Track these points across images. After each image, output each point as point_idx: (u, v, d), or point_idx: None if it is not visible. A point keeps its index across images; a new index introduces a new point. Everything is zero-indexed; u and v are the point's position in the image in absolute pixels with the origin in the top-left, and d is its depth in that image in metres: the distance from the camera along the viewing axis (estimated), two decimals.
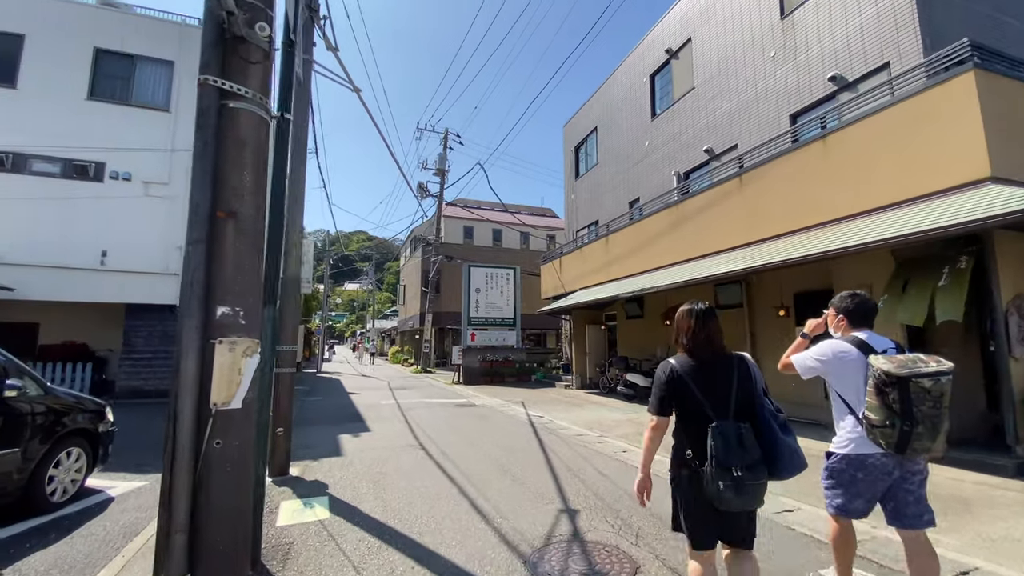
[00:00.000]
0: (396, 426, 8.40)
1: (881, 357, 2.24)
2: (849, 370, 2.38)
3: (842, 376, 2.41)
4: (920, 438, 2.10)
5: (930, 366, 2.12)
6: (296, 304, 5.71)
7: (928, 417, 2.09)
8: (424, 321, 25.14)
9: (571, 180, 18.45)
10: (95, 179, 11.68)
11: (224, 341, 2.23)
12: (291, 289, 5.68)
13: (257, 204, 2.48)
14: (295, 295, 5.71)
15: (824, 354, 2.45)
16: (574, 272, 15.09)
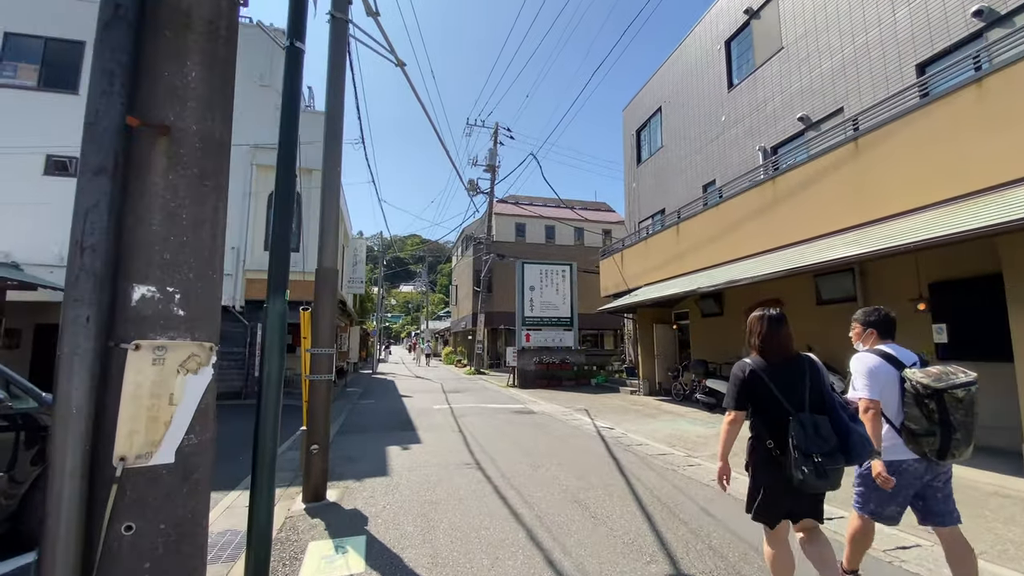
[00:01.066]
0: (449, 437, 7.52)
1: (917, 371, 2.42)
2: (888, 383, 2.48)
3: (886, 389, 2.48)
4: (958, 444, 2.28)
5: (960, 377, 2.29)
6: (333, 299, 4.92)
7: (962, 424, 2.26)
8: (476, 321, 24.46)
9: (632, 167, 17.04)
10: None
11: (143, 346, 1.35)
12: (327, 282, 4.90)
13: (214, 120, 1.59)
14: (331, 288, 4.91)
15: (871, 371, 2.52)
16: (638, 266, 13.73)
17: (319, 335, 4.69)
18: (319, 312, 4.76)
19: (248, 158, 12.12)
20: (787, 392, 2.30)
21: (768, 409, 2.34)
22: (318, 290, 4.84)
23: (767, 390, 2.32)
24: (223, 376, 11.67)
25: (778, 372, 2.35)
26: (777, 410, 2.29)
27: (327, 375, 4.69)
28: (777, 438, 2.29)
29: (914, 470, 2.45)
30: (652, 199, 15.52)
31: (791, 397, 2.29)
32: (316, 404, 4.62)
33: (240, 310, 11.81)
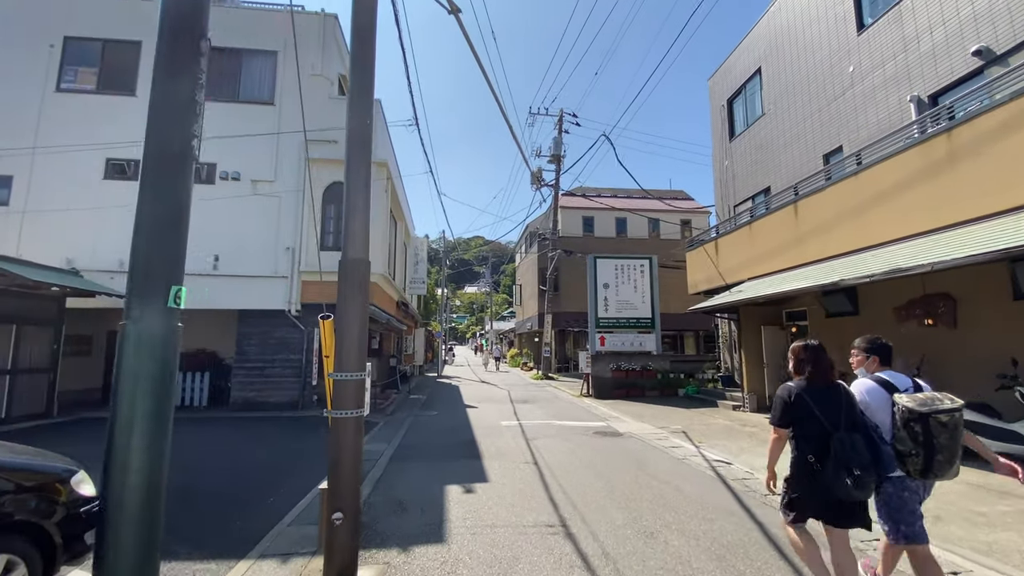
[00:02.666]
0: (522, 472, 6.01)
1: (905, 396, 2.63)
2: (879, 407, 2.72)
3: (875, 412, 2.73)
4: (940, 465, 2.48)
5: (945, 404, 2.51)
6: (363, 301, 3.56)
7: (945, 447, 2.46)
8: (543, 323, 22.93)
9: (722, 144, 14.70)
10: (207, 181, 11.25)
11: None
12: (356, 278, 3.54)
13: None
14: (361, 286, 3.55)
15: (864, 396, 2.77)
16: (739, 257, 11.52)
17: (346, 352, 3.34)
18: (346, 320, 3.41)
19: (300, 151, 11.37)
20: (827, 413, 2.63)
21: (811, 427, 2.65)
22: (343, 290, 3.49)
23: (811, 411, 2.65)
24: (278, 385, 10.97)
25: (820, 395, 2.69)
26: (819, 428, 2.62)
27: (356, 410, 3.32)
28: (818, 453, 2.60)
29: (915, 485, 2.68)
30: (752, 177, 13.15)
31: (832, 418, 2.62)
32: (341, 452, 3.25)
33: (296, 314, 11.07)
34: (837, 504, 2.59)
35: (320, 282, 11.19)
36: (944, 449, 2.46)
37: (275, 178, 11.29)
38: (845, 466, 2.46)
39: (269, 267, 11.03)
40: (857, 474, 2.44)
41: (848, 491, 2.46)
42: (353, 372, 3.32)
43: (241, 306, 11.04)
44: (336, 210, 11.59)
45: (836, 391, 2.71)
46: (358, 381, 3.34)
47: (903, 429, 2.55)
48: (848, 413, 2.65)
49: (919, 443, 2.49)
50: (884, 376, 2.81)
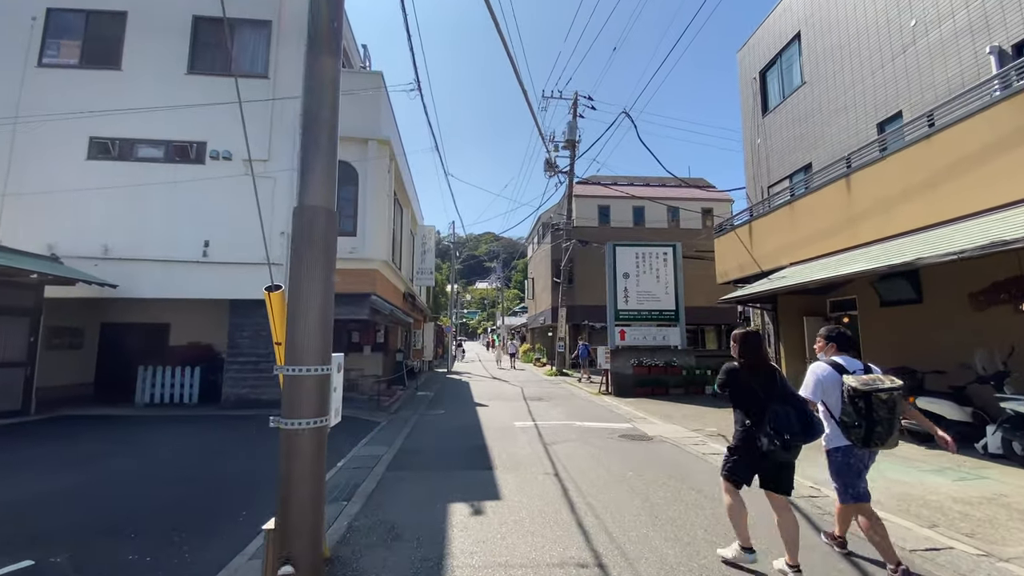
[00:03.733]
0: (542, 489, 5.03)
1: (852, 377, 3.06)
2: (830, 385, 3.17)
3: (827, 391, 3.19)
4: (880, 435, 2.94)
5: (885, 384, 2.95)
6: (326, 264, 2.60)
7: (883, 420, 2.92)
8: (557, 317, 21.91)
9: (754, 120, 13.50)
10: (196, 160, 10.43)
11: None
12: (316, 233, 2.59)
13: None
14: (323, 244, 2.60)
15: (817, 378, 3.24)
16: (778, 241, 10.39)
17: (302, 337, 2.40)
18: (302, 292, 2.46)
19: (296, 128, 10.45)
20: (765, 388, 3.07)
21: (750, 400, 3.09)
22: (299, 250, 2.55)
23: (751, 387, 3.10)
24: (274, 381, 10.12)
25: (758, 374, 3.13)
26: (757, 401, 3.05)
27: (318, 419, 2.36)
28: (755, 421, 3.03)
29: (860, 453, 3.15)
30: (789, 154, 11.96)
31: (768, 392, 3.05)
32: (294, 478, 2.31)
33: None
34: (774, 468, 3.03)
35: None
36: (883, 422, 2.90)
37: (269, 157, 10.42)
38: (777, 431, 2.86)
39: (263, 253, 10.16)
40: (787, 438, 2.85)
41: (779, 452, 2.90)
42: (313, 366, 2.37)
43: (233, 295, 10.21)
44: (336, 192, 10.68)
45: (772, 371, 3.16)
46: (320, 378, 2.39)
47: (849, 404, 3.01)
48: (781, 389, 3.05)
49: (862, 416, 2.94)
50: (838, 360, 3.25)
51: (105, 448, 6.82)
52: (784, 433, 2.86)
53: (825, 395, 3.19)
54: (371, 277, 10.33)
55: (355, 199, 10.51)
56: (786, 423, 2.88)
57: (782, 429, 2.87)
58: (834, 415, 3.14)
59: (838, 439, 3.16)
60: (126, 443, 7.17)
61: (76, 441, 7.23)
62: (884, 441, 2.95)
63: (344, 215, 10.58)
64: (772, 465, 3.04)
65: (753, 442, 3.01)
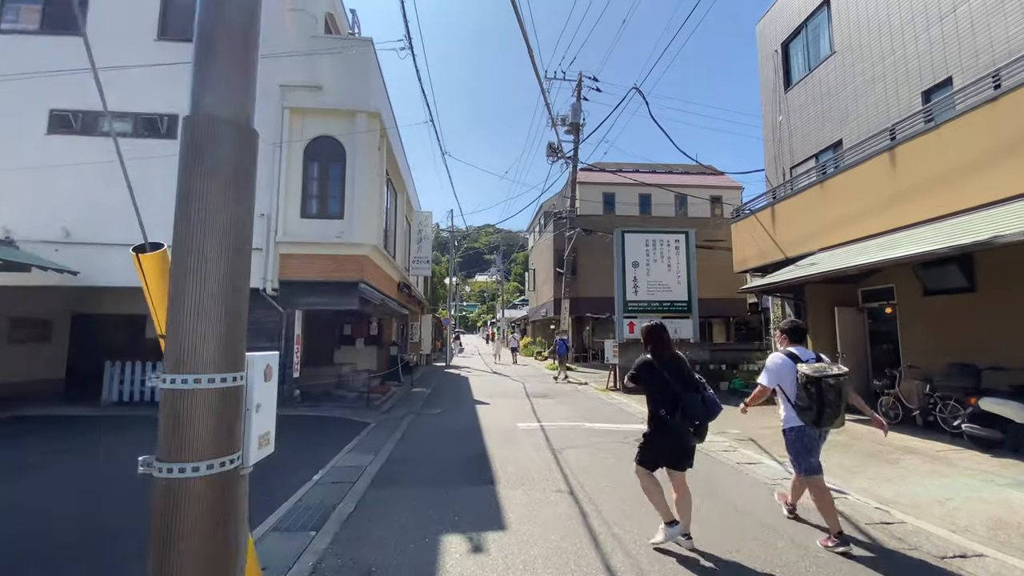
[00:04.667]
0: (555, 512, 4.17)
1: (804, 365, 3.48)
2: (786, 373, 3.57)
3: (783, 378, 3.59)
4: (828, 416, 3.36)
5: (833, 371, 3.38)
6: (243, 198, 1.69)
7: (832, 403, 3.33)
8: (560, 309, 21.01)
9: (775, 96, 12.53)
10: (167, 135, 9.49)
11: None
12: (217, 152, 1.67)
13: None
14: (236, 174, 1.68)
15: (774, 367, 3.66)
16: (807, 225, 9.48)
17: (189, 323, 1.49)
18: (190, 252, 1.55)
19: (277, 99, 9.51)
20: (675, 377, 3.30)
21: (662, 388, 3.30)
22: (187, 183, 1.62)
23: (662, 376, 3.30)
24: None
25: (668, 364, 3.37)
26: (669, 389, 3.26)
27: (224, 461, 1.47)
28: (668, 408, 3.24)
29: (811, 432, 3.51)
30: (816, 131, 11.02)
31: (679, 381, 3.29)
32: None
33: (273, 293, 9.31)
34: (682, 450, 3.35)
35: (301, 255, 9.42)
36: (831, 404, 3.34)
37: None
38: (690, 418, 3.18)
39: None
40: (697, 423, 3.20)
41: (691, 437, 3.24)
42: (215, 374, 1.48)
43: None
44: (321, 169, 9.75)
45: (680, 360, 3.46)
46: (226, 392, 1.50)
47: (802, 390, 3.43)
48: (689, 378, 3.36)
49: (813, 400, 3.37)
50: (792, 350, 3.67)
51: (39, 459, 5.92)
52: (695, 419, 3.16)
53: (781, 382, 3.60)
54: (360, 264, 9.42)
55: (342, 178, 9.57)
56: (696, 409, 3.16)
57: (694, 415, 3.15)
58: (790, 399, 3.54)
59: (793, 420, 3.57)
60: (70, 452, 6.26)
61: (15, 448, 6.36)
62: (832, 421, 3.41)
63: (330, 196, 9.67)
64: (681, 449, 3.33)
65: (667, 430, 3.26)
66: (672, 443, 3.31)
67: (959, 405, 6.64)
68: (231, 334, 1.57)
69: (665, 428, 3.26)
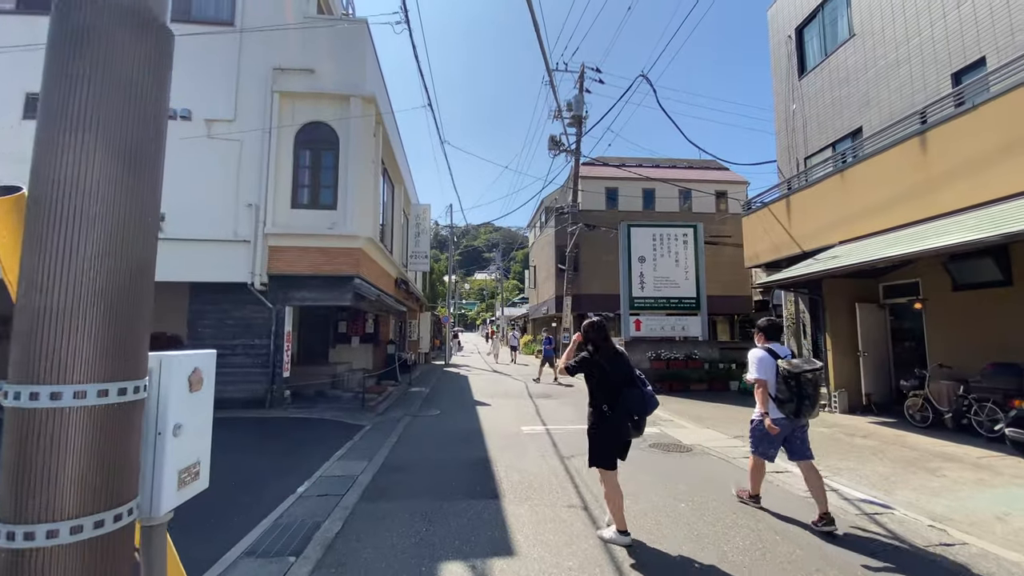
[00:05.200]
0: (570, 534, 3.68)
1: (784, 360, 3.71)
2: (768, 368, 3.76)
3: (768, 372, 3.75)
4: (807, 408, 3.60)
5: (810, 364, 3.63)
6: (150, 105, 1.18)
7: (809, 396, 3.58)
8: (562, 306, 20.50)
9: (788, 83, 12.03)
10: None
11: None
12: (105, 45, 1.15)
13: None
14: (131, 82, 1.15)
15: (760, 363, 3.82)
16: (824, 216, 9.00)
17: (50, 303, 0.97)
18: (59, 185, 1.02)
19: (267, 83, 8.99)
20: (617, 373, 3.33)
21: (605, 384, 3.32)
22: (53, 82, 1.08)
23: (606, 371, 3.33)
24: (240, 376, 8.75)
25: (610, 360, 3.39)
26: (611, 385, 3.30)
27: (108, 517, 0.96)
28: (611, 404, 3.29)
29: (784, 424, 3.73)
30: (833, 119, 10.51)
31: (621, 376, 3.32)
32: None
33: (262, 288, 8.80)
34: (622, 444, 3.41)
35: (292, 248, 8.91)
36: (809, 397, 3.59)
37: (235, 117, 8.95)
38: (629, 412, 3.26)
39: (227, 229, 8.75)
40: (636, 419, 3.27)
41: (630, 431, 3.31)
42: (100, 382, 0.97)
43: (193, 278, 8.80)
44: (313, 157, 9.23)
45: (621, 356, 3.46)
46: (121, 409, 0.99)
47: (783, 383, 3.65)
48: (630, 374, 3.39)
49: (793, 392, 3.60)
50: (771, 347, 3.88)
51: None
52: (634, 414, 3.24)
53: (766, 376, 3.75)
54: (355, 257, 8.91)
55: (335, 166, 9.05)
56: (635, 404, 3.24)
57: (634, 410, 3.23)
58: (771, 393, 3.71)
59: (773, 413, 3.73)
60: None
61: None
62: (810, 413, 3.62)
63: (323, 185, 9.15)
64: (621, 443, 3.39)
65: (611, 425, 3.31)
66: (614, 437, 3.37)
67: (998, 408, 6.16)
68: (124, 323, 1.05)
69: (607, 423, 3.34)
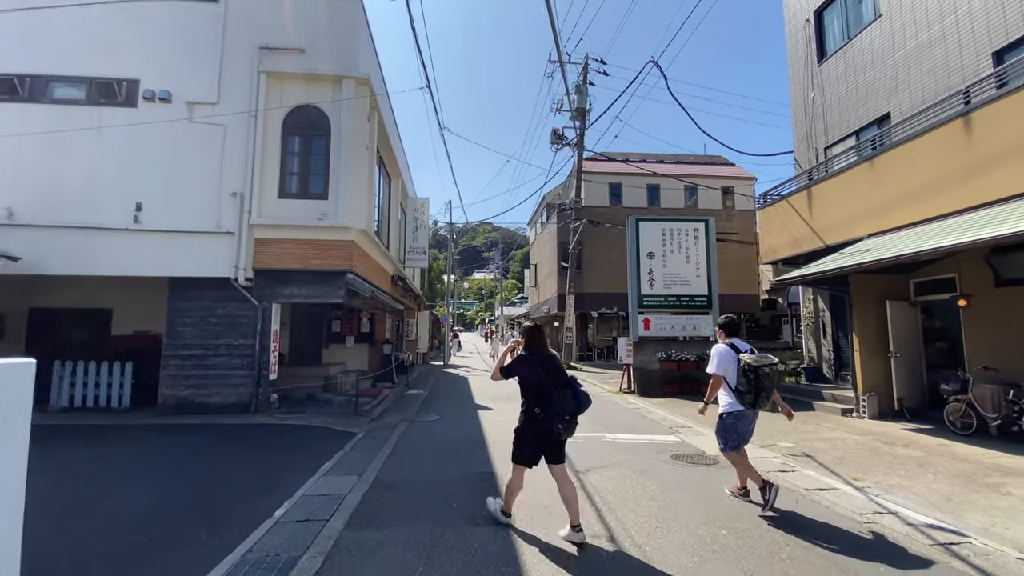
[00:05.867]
0: (596, 570, 3.06)
1: (745, 355, 3.99)
2: (730, 362, 4.04)
3: (728, 366, 4.04)
4: (763, 399, 3.92)
5: (767, 360, 3.95)
6: None
7: (766, 388, 3.90)
8: (565, 305, 19.92)
9: (806, 70, 11.43)
10: (126, 103, 8.32)
11: None
12: None
13: None
14: None
15: (721, 357, 4.10)
16: (851, 207, 8.42)
17: None
18: None
19: (253, 62, 8.35)
20: (549, 375, 3.44)
21: (537, 385, 3.44)
22: None
23: (538, 375, 3.44)
24: (223, 380, 8.12)
25: (543, 363, 3.50)
26: (543, 386, 3.41)
27: None
28: (543, 405, 3.41)
29: (749, 415, 4.07)
30: (857, 105, 9.91)
31: (553, 378, 3.44)
32: None
33: (247, 283, 8.16)
34: (555, 445, 3.47)
35: (279, 240, 8.28)
36: (765, 389, 3.89)
37: (218, 99, 8.31)
38: (562, 413, 3.33)
39: (209, 219, 8.11)
40: (567, 419, 3.35)
41: (561, 431, 3.37)
42: None
43: (172, 272, 8.15)
44: (303, 143, 8.60)
45: (553, 359, 3.58)
46: None
47: (743, 376, 3.93)
48: (562, 376, 3.49)
49: (752, 385, 3.88)
50: (733, 342, 4.15)
51: None
52: (565, 414, 3.35)
53: (726, 370, 4.05)
54: (347, 250, 8.28)
55: (326, 153, 8.42)
56: (567, 405, 3.35)
57: (567, 410, 3.35)
58: (731, 385, 4.03)
59: (733, 405, 4.05)
60: None
61: None
62: (765, 404, 3.98)
63: (313, 173, 8.53)
64: (555, 443, 3.47)
65: (540, 425, 3.43)
66: (545, 437, 3.44)
67: None
68: None
69: (539, 423, 3.43)
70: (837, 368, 10.34)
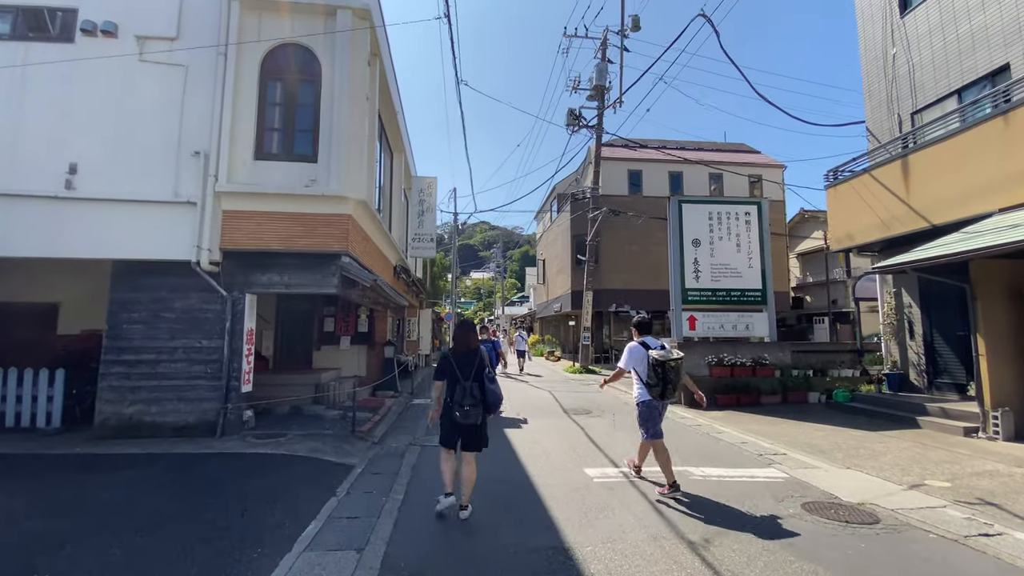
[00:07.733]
0: None
1: (655, 351, 4.37)
2: (640, 358, 4.46)
3: (638, 362, 4.47)
4: (670, 391, 4.35)
5: (673, 355, 4.37)
6: None
7: (673, 380, 4.32)
8: (581, 302, 18.19)
9: (884, 24, 9.74)
10: (61, 37, 6.53)
11: None
12: None
13: None
14: None
15: (631, 353, 4.54)
16: (972, 178, 6.75)
17: None
18: None
19: None
20: (462, 369, 3.83)
21: (452, 378, 3.86)
22: None
23: (453, 369, 3.85)
24: (181, 392, 6.32)
25: (461, 358, 3.89)
26: (456, 379, 3.82)
27: None
28: (452, 396, 3.81)
29: (658, 405, 4.48)
30: (959, 59, 8.22)
31: (463, 372, 3.82)
32: None
33: (212, 267, 6.36)
34: (463, 431, 3.82)
35: (255, 213, 6.49)
36: (672, 381, 4.32)
37: (178, 34, 6.52)
38: (459, 403, 3.72)
39: (165, 186, 6.31)
40: (465, 408, 3.70)
41: (459, 418, 3.72)
42: None
43: (115, 254, 6.34)
44: (286, 90, 6.82)
45: (474, 354, 3.93)
46: None
47: (651, 370, 4.33)
48: (477, 370, 3.84)
49: (660, 378, 4.29)
50: (645, 340, 4.55)
51: None
52: (463, 404, 3.70)
53: (636, 365, 4.48)
54: (342, 227, 6.51)
55: (316, 103, 6.64)
56: (465, 397, 3.72)
57: (462, 402, 3.70)
58: (642, 379, 4.42)
59: (644, 395, 4.46)
60: None
61: None
62: (672, 395, 4.39)
63: (299, 129, 6.75)
64: (464, 430, 3.81)
65: (451, 413, 3.80)
66: (451, 424, 3.81)
67: None
68: None
69: (447, 413, 3.86)
70: (931, 375, 8.65)
